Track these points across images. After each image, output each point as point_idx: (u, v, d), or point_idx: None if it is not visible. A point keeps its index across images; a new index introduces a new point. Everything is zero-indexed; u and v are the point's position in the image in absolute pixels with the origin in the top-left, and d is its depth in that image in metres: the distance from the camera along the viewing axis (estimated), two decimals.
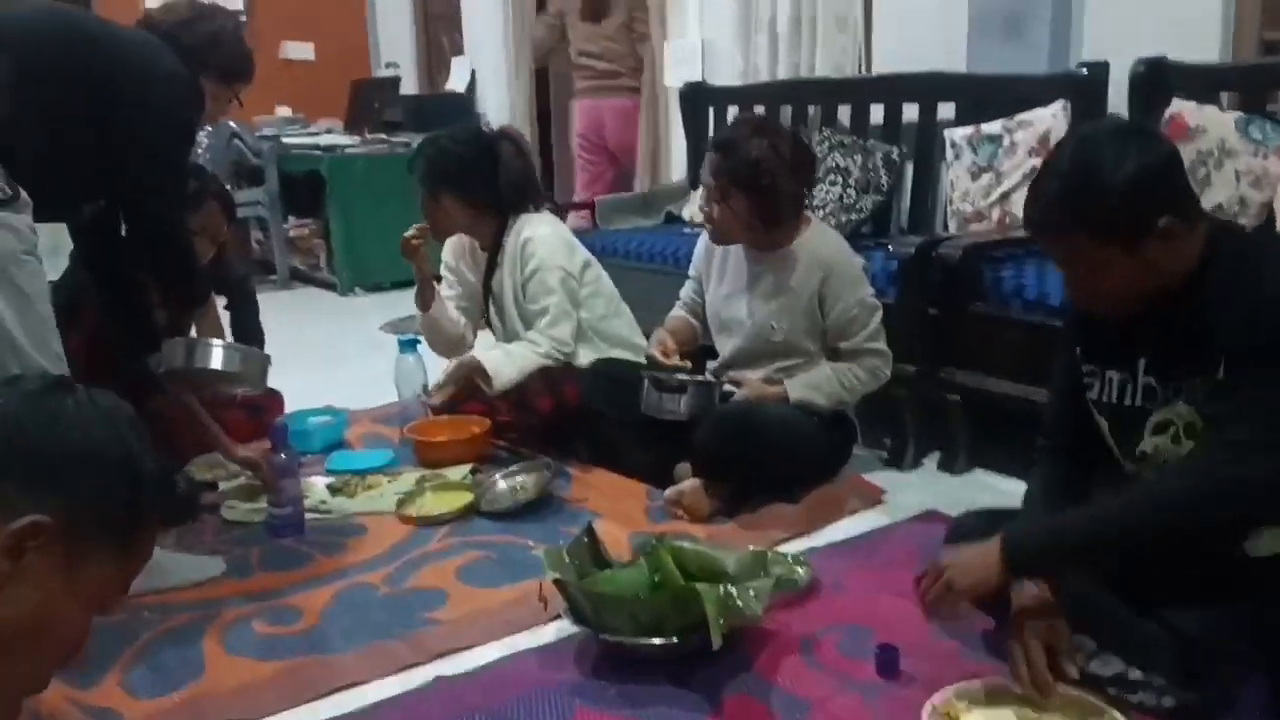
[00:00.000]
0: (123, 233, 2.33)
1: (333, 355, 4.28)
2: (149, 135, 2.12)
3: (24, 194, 1.92)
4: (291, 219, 6.10)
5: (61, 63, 2.01)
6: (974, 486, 2.65)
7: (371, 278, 5.61)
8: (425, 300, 2.98)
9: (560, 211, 3.52)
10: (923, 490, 2.63)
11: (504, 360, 2.79)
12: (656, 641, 1.77)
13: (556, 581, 1.89)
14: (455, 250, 3.08)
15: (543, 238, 2.84)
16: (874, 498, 2.55)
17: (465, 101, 6.08)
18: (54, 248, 2.39)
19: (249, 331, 3.22)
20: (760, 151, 2.45)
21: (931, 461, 2.81)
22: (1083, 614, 1.62)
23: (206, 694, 1.81)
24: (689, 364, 2.66)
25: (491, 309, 3.01)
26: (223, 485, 2.69)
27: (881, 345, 2.56)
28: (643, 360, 2.82)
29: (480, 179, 2.85)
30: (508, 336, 2.94)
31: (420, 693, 1.79)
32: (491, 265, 2.95)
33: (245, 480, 2.64)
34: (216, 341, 2.54)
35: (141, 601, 2.07)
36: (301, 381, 3.29)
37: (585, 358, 2.83)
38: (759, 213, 2.50)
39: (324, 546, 2.37)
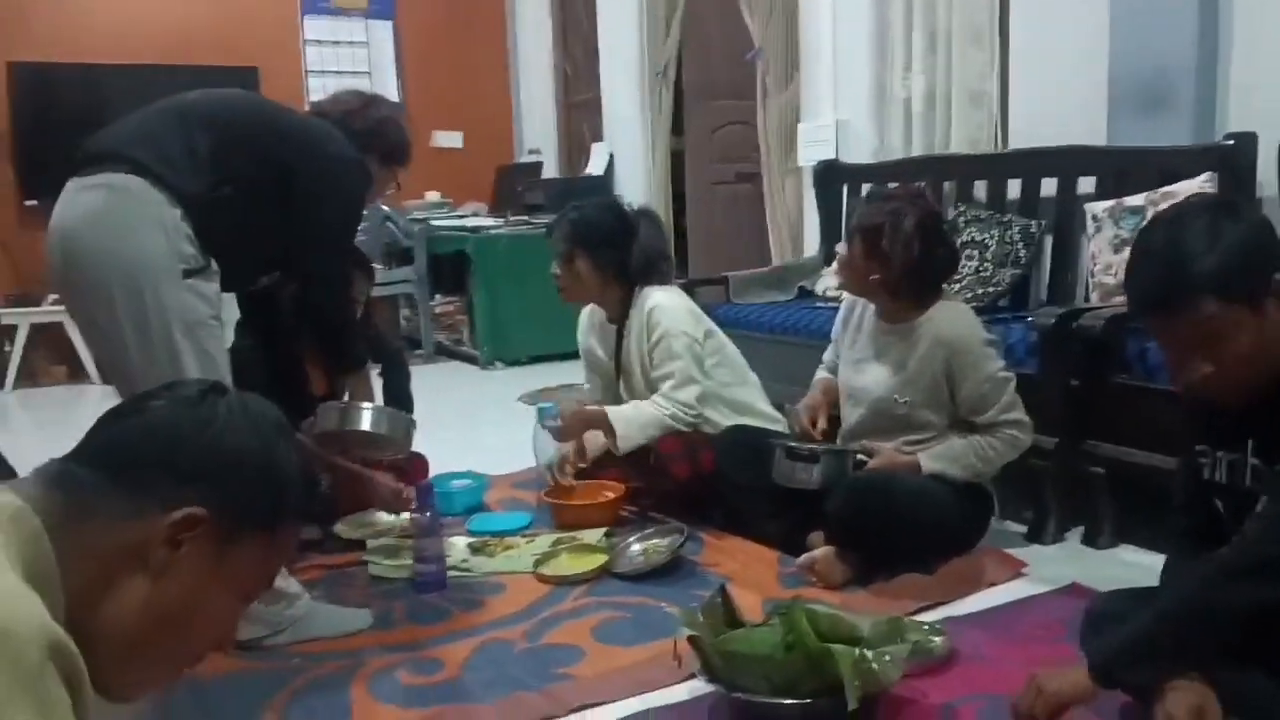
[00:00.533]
0: (285, 302, 2.51)
1: (474, 423, 4.44)
2: (324, 210, 2.29)
3: (214, 264, 2.11)
4: (438, 296, 6.39)
5: (251, 144, 2.21)
6: (1118, 563, 2.56)
7: (511, 352, 5.81)
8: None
9: (691, 287, 3.60)
10: (1065, 565, 2.54)
11: (631, 417, 2.85)
12: (790, 702, 1.77)
13: (691, 638, 1.90)
14: (586, 328, 3.20)
15: (667, 306, 2.91)
16: (1014, 570, 2.49)
17: (604, 184, 6.28)
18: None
19: (400, 397, 3.36)
20: (887, 219, 2.47)
21: (1074, 537, 2.73)
22: (1240, 703, 1.54)
23: None
24: (821, 437, 2.68)
25: (621, 383, 3.08)
26: (370, 544, 2.80)
27: (1017, 414, 2.50)
28: (772, 427, 2.84)
29: (614, 248, 2.95)
30: None
31: None
32: (619, 337, 3.04)
33: (391, 539, 2.76)
34: (366, 405, 2.67)
35: (292, 650, 2.16)
36: (445, 447, 3.40)
37: (713, 425, 2.88)
38: (870, 268, 2.50)
39: (464, 603, 2.44)
